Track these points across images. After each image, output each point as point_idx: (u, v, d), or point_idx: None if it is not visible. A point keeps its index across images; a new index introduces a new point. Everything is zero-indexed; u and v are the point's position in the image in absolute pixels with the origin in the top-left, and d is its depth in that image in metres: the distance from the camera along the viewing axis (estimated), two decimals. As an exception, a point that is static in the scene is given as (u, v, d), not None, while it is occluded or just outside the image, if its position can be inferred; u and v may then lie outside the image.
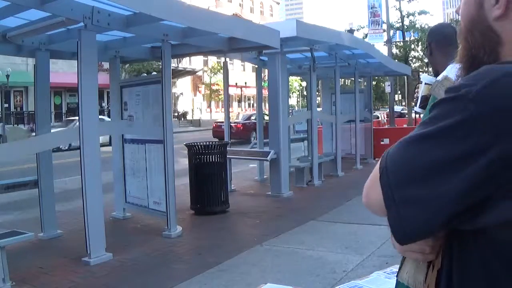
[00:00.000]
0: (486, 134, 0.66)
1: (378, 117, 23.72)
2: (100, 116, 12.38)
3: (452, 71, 2.25)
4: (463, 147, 0.67)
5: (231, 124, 22.42)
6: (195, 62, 40.07)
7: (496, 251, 0.72)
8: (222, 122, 24.32)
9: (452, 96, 0.71)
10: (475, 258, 0.75)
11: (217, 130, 22.09)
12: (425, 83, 2.35)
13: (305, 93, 28.41)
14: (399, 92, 51.05)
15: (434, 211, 0.70)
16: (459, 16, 0.88)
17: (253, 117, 19.64)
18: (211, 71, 43.12)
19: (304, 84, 35.43)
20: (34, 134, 7.22)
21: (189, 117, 42.11)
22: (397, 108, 25.06)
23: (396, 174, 0.73)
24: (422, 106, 2.42)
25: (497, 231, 0.70)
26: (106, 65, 12.45)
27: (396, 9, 32.79)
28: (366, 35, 28.90)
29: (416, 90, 2.38)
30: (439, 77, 1.48)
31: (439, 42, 2.35)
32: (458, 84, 0.72)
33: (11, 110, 29.15)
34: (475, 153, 0.66)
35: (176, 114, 38.33)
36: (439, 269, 0.83)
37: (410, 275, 0.87)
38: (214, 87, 43.92)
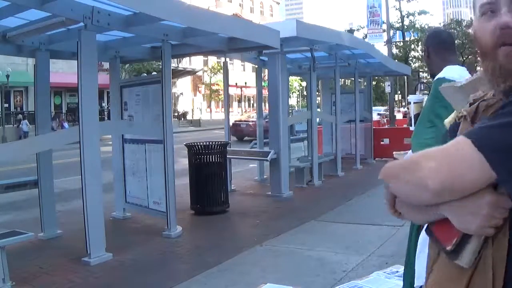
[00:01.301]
0: None
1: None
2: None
3: (449, 73, 2.28)
4: None
5: (249, 122, 22.41)
6: (195, 62, 40.08)
7: None
8: (241, 121, 24.38)
9: None
10: None
11: (237, 129, 22.08)
12: (414, 102, 2.44)
13: (305, 93, 28.40)
14: (399, 92, 51.06)
15: None
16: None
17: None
18: (211, 71, 43.14)
19: (304, 84, 35.45)
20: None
21: (189, 117, 42.12)
22: (377, 110, 24.36)
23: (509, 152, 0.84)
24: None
25: None
26: (106, 65, 12.45)
27: (396, 9, 32.87)
28: (366, 35, 28.92)
29: (407, 107, 2.48)
30: (448, 82, 1.56)
31: (436, 46, 2.43)
32: None
33: (11, 110, 29.16)
34: None
35: (176, 114, 38.33)
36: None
37: (471, 255, 0.91)
38: (214, 87, 43.93)
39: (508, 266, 0.89)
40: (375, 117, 19.24)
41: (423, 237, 1.30)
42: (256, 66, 10.18)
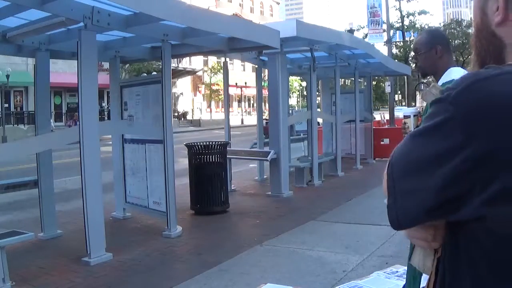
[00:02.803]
0: (462, 134, 0.72)
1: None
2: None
3: (457, 74, 2.24)
4: (444, 144, 0.73)
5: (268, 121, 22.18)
6: (195, 62, 40.07)
7: (474, 241, 0.77)
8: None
9: (439, 98, 0.78)
10: (459, 248, 0.81)
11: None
12: (413, 115, 2.42)
13: (305, 93, 28.39)
14: (399, 92, 51.07)
15: (417, 203, 0.77)
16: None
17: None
18: (211, 71, 43.14)
19: (304, 84, 35.44)
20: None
21: (189, 117, 42.12)
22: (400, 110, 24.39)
23: (397, 166, 0.81)
24: None
25: (475, 225, 0.76)
26: (106, 65, 12.46)
27: (396, 9, 32.90)
28: (366, 35, 28.95)
29: (405, 124, 2.42)
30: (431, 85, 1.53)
31: (445, 46, 2.36)
32: (448, 87, 0.78)
33: (11, 110, 29.16)
34: (453, 151, 0.72)
35: (176, 114, 38.33)
36: (439, 257, 0.89)
37: (420, 260, 0.94)
38: (214, 87, 43.93)
39: (436, 276, 0.88)
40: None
41: None
42: (256, 66, 10.18)
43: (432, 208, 0.76)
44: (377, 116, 21.63)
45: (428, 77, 2.54)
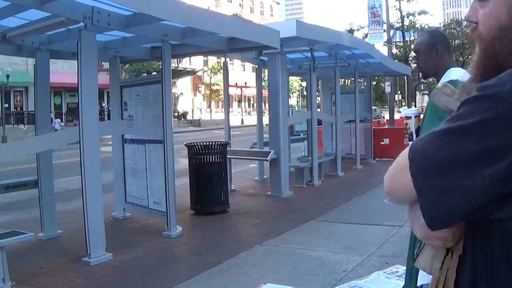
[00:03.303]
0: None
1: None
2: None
3: (457, 74, 2.23)
4: (491, 143, 0.70)
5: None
6: (195, 62, 40.08)
7: None
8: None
9: (482, 94, 0.74)
10: (498, 245, 0.79)
11: None
12: (415, 116, 2.39)
13: (305, 93, 28.39)
14: (399, 92, 51.07)
15: (459, 202, 0.74)
16: (468, 22, 0.90)
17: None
18: (211, 71, 43.15)
19: (304, 84, 35.45)
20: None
21: (189, 117, 42.12)
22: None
23: (426, 164, 0.77)
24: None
25: None
26: (106, 65, 12.45)
27: (396, 9, 32.88)
28: (366, 35, 28.94)
29: (407, 125, 2.40)
30: (438, 85, 1.51)
31: (445, 47, 2.36)
32: (487, 84, 0.75)
33: (11, 110, 29.17)
34: (502, 151, 0.70)
35: (176, 114, 38.33)
36: (460, 255, 0.86)
37: (427, 262, 0.91)
38: (214, 87, 43.94)
39: (458, 284, 0.86)
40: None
41: None
42: (256, 66, 10.18)
43: (475, 207, 0.73)
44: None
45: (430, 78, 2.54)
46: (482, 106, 0.73)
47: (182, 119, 40.08)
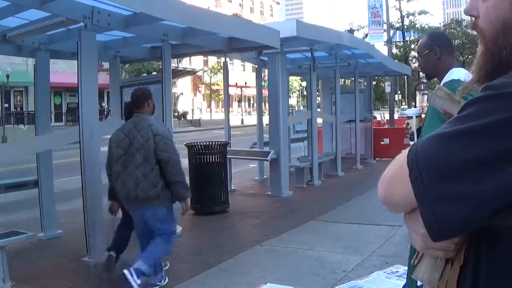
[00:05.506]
0: None
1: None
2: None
3: (459, 74, 2.22)
4: (506, 145, 0.66)
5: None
6: (195, 62, 40.06)
7: None
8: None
9: (493, 93, 0.70)
10: (505, 256, 0.74)
11: None
12: (416, 116, 2.38)
13: (305, 93, 28.40)
14: (399, 92, 51.06)
15: (474, 208, 0.68)
16: (469, 16, 0.85)
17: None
18: (211, 71, 43.14)
19: (304, 84, 35.45)
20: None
21: (189, 117, 42.11)
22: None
23: (430, 170, 0.71)
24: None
25: None
26: (106, 65, 12.46)
27: (396, 9, 32.89)
28: (366, 35, 28.94)
29: (408, 125, 2.39)
30: (436, 87, 1.50)
31: (444, 47, 2.36)
32: (498, 83, 0.71)
33: (11, 110, 29.16)
34: None
35: (176, 114, 38.31)
36: (461, 266, 0.81)
37: (427, 273, 0.86)
38: (214, 87, 43.93)
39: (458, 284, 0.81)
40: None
41: None
42: (256, 66, 10.18)
43: (488, 214, 0.68)
44: (378, 115, 21.64)
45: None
46: (491, 106, 0.68)
47: (182, 119, 40.06)
